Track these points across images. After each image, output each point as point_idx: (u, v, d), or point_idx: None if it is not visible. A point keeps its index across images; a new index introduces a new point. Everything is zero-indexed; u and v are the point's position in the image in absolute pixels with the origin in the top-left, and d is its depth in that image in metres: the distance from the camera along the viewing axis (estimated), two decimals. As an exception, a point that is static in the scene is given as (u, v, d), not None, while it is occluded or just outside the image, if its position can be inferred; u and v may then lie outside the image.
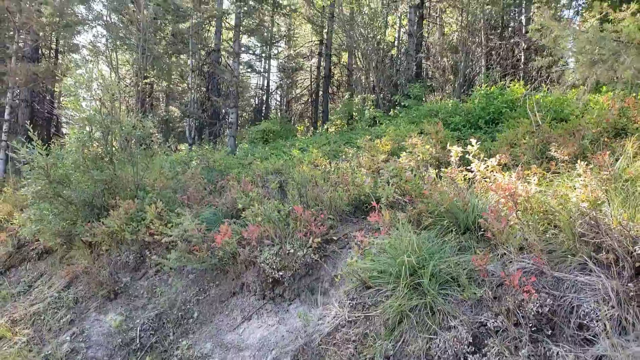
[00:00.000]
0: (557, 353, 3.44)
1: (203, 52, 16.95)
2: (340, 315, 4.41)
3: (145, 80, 16.96)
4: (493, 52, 15.72)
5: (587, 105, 8.92)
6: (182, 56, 19.12)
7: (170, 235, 6.02)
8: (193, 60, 15.80)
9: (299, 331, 4.82)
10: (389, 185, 5.81)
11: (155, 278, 6.84)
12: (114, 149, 8.10)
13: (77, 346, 5.98)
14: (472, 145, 5.64)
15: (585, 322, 3.56)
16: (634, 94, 7.84)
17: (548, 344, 3.54)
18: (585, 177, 4.29)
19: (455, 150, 5.77)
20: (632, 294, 3.52)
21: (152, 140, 8.57)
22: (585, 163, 4.41)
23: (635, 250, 3.61)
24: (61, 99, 23.53)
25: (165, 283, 6.72)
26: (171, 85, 20.20)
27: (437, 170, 6.19)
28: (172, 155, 12.00)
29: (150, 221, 6.82)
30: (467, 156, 5.73)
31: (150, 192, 7.64)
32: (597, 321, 3.49)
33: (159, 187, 7.88)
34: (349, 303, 4.45)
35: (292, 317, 5.25)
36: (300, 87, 25.62)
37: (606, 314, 3.47)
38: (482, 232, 4.60)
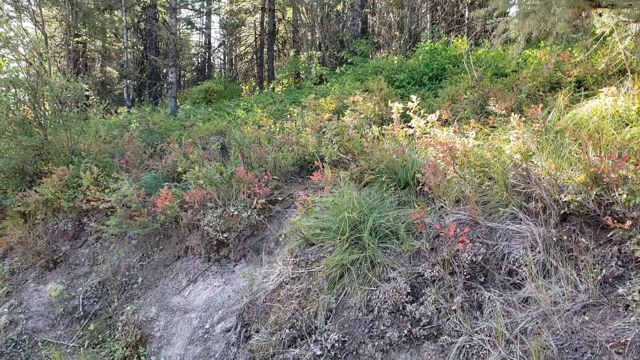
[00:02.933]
0: (489, 297, 3.65)
1: (138, 8, 15.86)
2: (284, 272, 4.45)
3: (77, 39, 15.73)
4: (438, 8, 15.74)
5: (527, 60, 9.18)
6: (115, 12, 17.85)
7: (109, 201, 5.78)
8: (127, 17, 14.78)
9: (244, 291, 4.84)
10: (332, 144, 5.80)
11: (97, 245, 6.61)
12: (45, 112, 7.56)
13: (15, 318, 5.75)
14: (413, 102, 5.68)
15: (514, 267, 3.77)
16: (569, 49, 8.13)
17: (481, 290, 3.74)
18: (519, 129, 4.44)
19: (396, 107, 5.80)
20: (556, 239, 3.75)
21: (86, 103, 8.07)
22: (519, 116, 4.55)
23: (561, 199, 3.82)
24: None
25: (107, 250, 6.51)
26: (106, 45, 18.88)
27: (379, 128, 6.23)
28: (109, 118, 11.40)
29: (87, 187, 6.51)
30: (408, 112, 5.78)
31: (86, 157, 7.26)
32: (525, 266, 3.71)
33: (95, 152, 7.50)
34: (293, 260, 4.49)
35: (237, 277, 5.25)
36: (244, 44, 24.71)
37: (533, 259, 3.70)
38: (420, 187, 4.72)
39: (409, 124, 5.63)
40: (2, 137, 7.04)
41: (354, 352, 3.71)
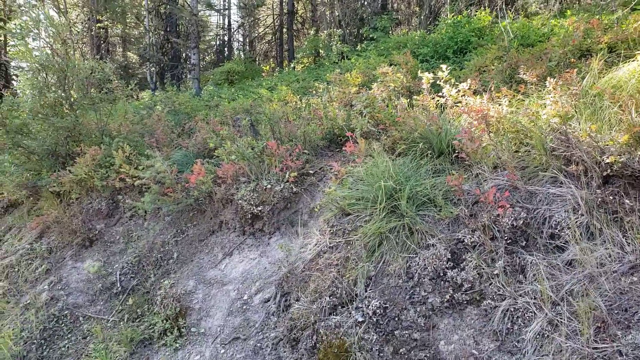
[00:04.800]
0: (531, 262, 3.62)
1: (158, -10, 15.87)
2: (321, 242, 4.48)
3: (99, 24, 15.82)
4: (459, -19, 15.34)
5: (553, 30, 8.94)
6: (135, -4, 17.88)
7: (143, 178, 5.87)
8: (148, 0, 14.79)
9: (281, 262, 4.90)
10: (362, 116, 5.76)
11: (131, 223, 6.74)
12: (73, 94, 7.67)
13: (56, 294, 5.92)
14: (443, 72, 5.60)
15: (556, 231, 3.73)
16: (597, 17, 7.88)
17: (523, 254, 3.71)
18: (555, 93, 4.34)
19: (426, 77, 5.72)
20: (599, 201, 3.69)
21: (112, 86, 8.15)
22: (555, 80, 4.45)
23: (603, 160, 3.74)
24: (7, 49, 21.90)
25: (141, 227, 6.64)
26: (127, 30, 18.96)
27: (408, 100, 6.16)
28: (133, 101, 11.50)
29: (119, 166, 6.62)
30: (438, 82, 5.70)
31: (116, 137, 7.35)
32: (567, 229, 3.67)
33: (125, 132, 7.59)
34: (330, 230, 4.51)
35: (273, 249, 5.31)
36: (263, 25, 24.55)
37: (576, 222, 3.65)
38: (456, 155, 4.67)
39: (440, 93, 5.55)
40: (35, 119, 7.16)
41: (396, 318, 3.73)
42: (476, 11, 12.93)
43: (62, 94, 7.63)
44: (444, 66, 5.62)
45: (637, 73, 4.76)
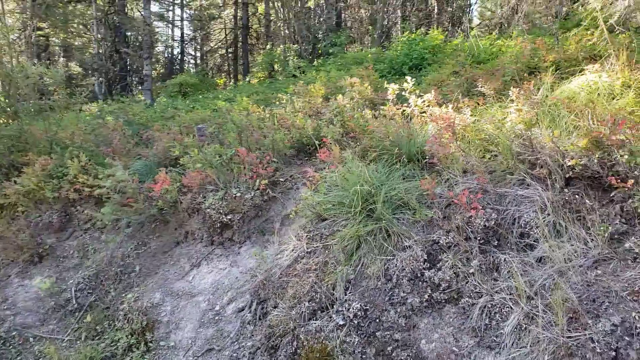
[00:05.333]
0: (505, 259, 3.78)
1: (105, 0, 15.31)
2: (298, 247, 4.45)
3: (39, 32, 15.02)
4: (408, 3, 16.07)
5: (500, 49, 9.53)
6: (79, 5, 17.17)
7: (103, 187, 5.59)
8: (95, 9, 14.23)
9: (254, 270, 4.81)
10: (332, 124, 5.83)
11: (86, 236, 6.36)
12: (19, 101, 7.23)
13: (1, 314, 5.45)
14: (408, 83, 5.80)
15: (526, 230, 3.92)
16: (540, 37, 8.51)
17: (496, 253, 3.87)
18: (518, 102, 4.62)
19: (392, 88, 5.90)
20: (563, 201, 3.93)
21: (57, 96, 7.77)
22: (518, 89, 4.74)
23: (565, 163, 4.00)
24: None
25: (97, 240, 6.28)
26: (69, 39, 18.12)
27: (372, 111, 6.31)
28: (82, 112, 10.97)
29: (74, 176, 6.28)
30: (402, 93, 5.89)
31: (69, 146, 6.98)
32: (536, 228, 3.87)
33: (79, 142, 7.22)
34: (307, 235, 4.49)
35: (244, 258, 5.20)
36: (216, 39, 24.30)
37: (544, 221, 3.85)
38: (425, 161, 4.82)
39: (406, 104, 5.74)
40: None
41: (377, 320, 3.75)
42: (427, 31, 13.55)
43: (6, 101, 7.17)
44: (408, 78, 5.82)
45: (586, 86, 5.17)
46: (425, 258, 3.95)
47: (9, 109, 7.03)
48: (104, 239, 6.29)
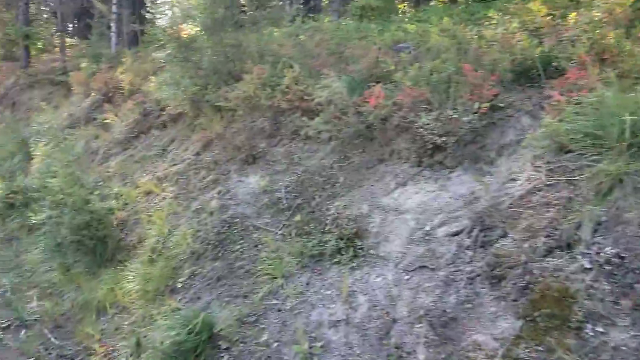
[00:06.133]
0: None
1: None
2: (534, 178, 4.02)
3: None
4: None
5: None
6: None
7: (320, 97, 5.73)
8: None
9: (472, 196, 4.56)
10: (572, 46, 5.01)
11: (292, 145, 6.74)
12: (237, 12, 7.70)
13: (225, 203, 6.17)
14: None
15: None
16: None
17: None
18: None
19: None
20: None
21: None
22: None
23: None
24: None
25: (302, 150, 6.61)
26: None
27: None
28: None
29: (286, 86, 6.57)
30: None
31: (279, 58, 7.30)
32: None
33: (286, 54, 7.50)
34: (545, 167, 4.02)
35: (454, 184, 4.96)
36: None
37: None
38: None
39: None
40: (206, 34, 7.32)
41: (636, 271, 3.22)
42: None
43: (228, 13, 7.68)
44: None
45: None
46: None
47: (230, 19, 7.53)
48: (307, 149, 6.61)
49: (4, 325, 5.89)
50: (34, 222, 7.41)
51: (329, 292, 4.48)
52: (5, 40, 17.98)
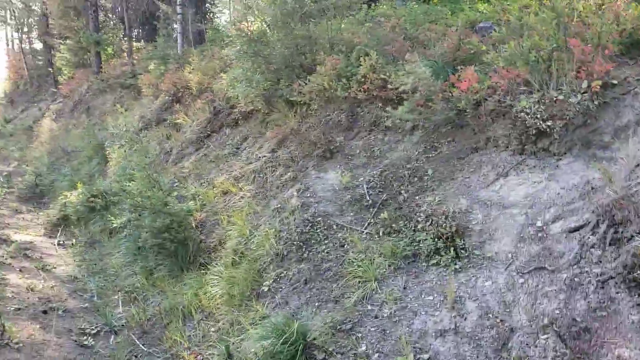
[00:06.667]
0: None
1: None
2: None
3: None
4: None
5: None
6: None
7: (406, 84, 5.36)
8: None
9: (586, 186, 4.04)
10: None
11: (370, 137, 6.43)
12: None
13: (305, 201, 5.94)
14: None
15: None
16: None
17: None
18: None
19: None
20: None
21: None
22: None
23: None
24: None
25: (382, 142, 6.29)
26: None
27: None
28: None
29: (362, 76, 6.25)
30: None
31: (352, 47, 6.96)
32: None
33: (358, 42, 7.16)
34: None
35: (564, 173, 4.44)
36: None
37: None
38: None
39: None
40: (276, 27, 7.12)
41: None
42: None
43: (297, 4, 7.43)
44: None
45: None
46: None
47: (299, 11, 7.28)
48: (388, 140, 6.26)
49: (94, 331, 5.95)
50: (115, 225, 7.60)
51: (430, 297, 4.13)
52: (77, 48, 18.85)
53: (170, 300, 6.01)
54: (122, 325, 6.11)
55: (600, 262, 3.50)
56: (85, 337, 5.78)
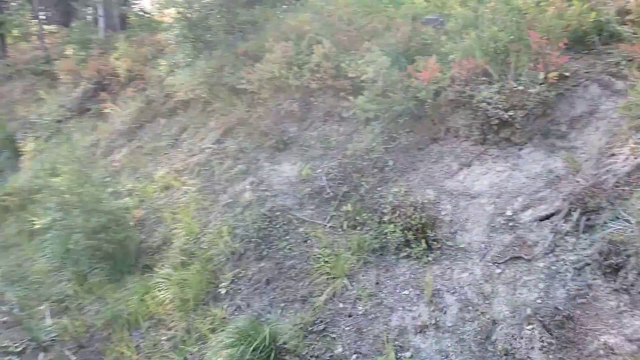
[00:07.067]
0: None
1: None
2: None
3: None
4: None
5: None
6: None
7: (366, 73, 5.18)
8: None
9: (549, 175, 4.14)
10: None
11: (325, 127, 6.20)
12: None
13: (261, 195, 5.61)
14: None
15: None
16: None
17: None
18: None
19: None
20: None
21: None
22: None
23: None
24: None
25: (337, 132, 6.08)
26: None
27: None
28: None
29: (316, 64, 6.00)
30: None
31: (302, 35, 6.67)
32: None
33: (308, 31, 6.86)
34: (654, 139, 3.59)
35: (526, 162, 4.53)
36: None
37: None
38: None
39: None
40: (217, 11, 6.65)
41: None
42: None
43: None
44: None
45: None
46: None
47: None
48: (343, 131, 6.08)
49: (18, 349, 5.19)
50: (37, 226, 6.72)
51: (406, 291, 4.02)
52: (-24, 29, 16.67)
53: (112, 308, 5.39)
54: (52, 339, 5.40)
55: (575, 249, 3.57)
56: (8, 357, 5.04)
